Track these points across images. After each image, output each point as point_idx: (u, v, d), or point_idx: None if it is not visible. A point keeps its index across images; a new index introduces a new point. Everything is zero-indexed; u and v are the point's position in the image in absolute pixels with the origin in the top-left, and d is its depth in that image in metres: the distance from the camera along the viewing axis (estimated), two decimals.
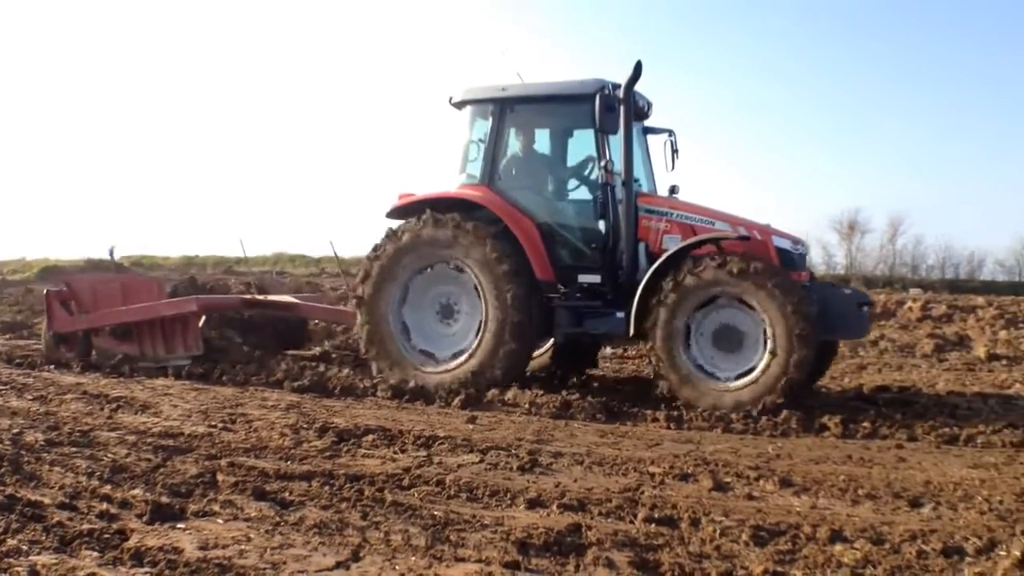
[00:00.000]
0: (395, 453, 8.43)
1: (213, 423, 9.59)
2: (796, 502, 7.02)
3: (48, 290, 15.41)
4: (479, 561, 5.45)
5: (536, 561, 5.50)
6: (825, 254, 63.23)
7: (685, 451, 8.75)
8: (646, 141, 13.14)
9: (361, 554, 5.55)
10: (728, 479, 7.66)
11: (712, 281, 10.73)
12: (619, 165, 11.62)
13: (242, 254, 34.33)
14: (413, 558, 5.50)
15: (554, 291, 11.89)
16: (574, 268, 11.97)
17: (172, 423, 9.56)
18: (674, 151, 13.15)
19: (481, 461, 8.16)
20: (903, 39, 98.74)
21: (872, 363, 16.47)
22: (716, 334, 11.01)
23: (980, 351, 18.39)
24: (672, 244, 11.42)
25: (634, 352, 16.90)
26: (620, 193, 11.62)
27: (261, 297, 15.95)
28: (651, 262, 11.36)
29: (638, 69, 11.36)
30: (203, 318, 14.61)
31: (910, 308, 25.24)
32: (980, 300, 28.22)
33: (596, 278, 11.82)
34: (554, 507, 6.64)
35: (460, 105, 12.78)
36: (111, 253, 19.10)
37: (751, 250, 11.22)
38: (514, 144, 12.62)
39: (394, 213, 12.68)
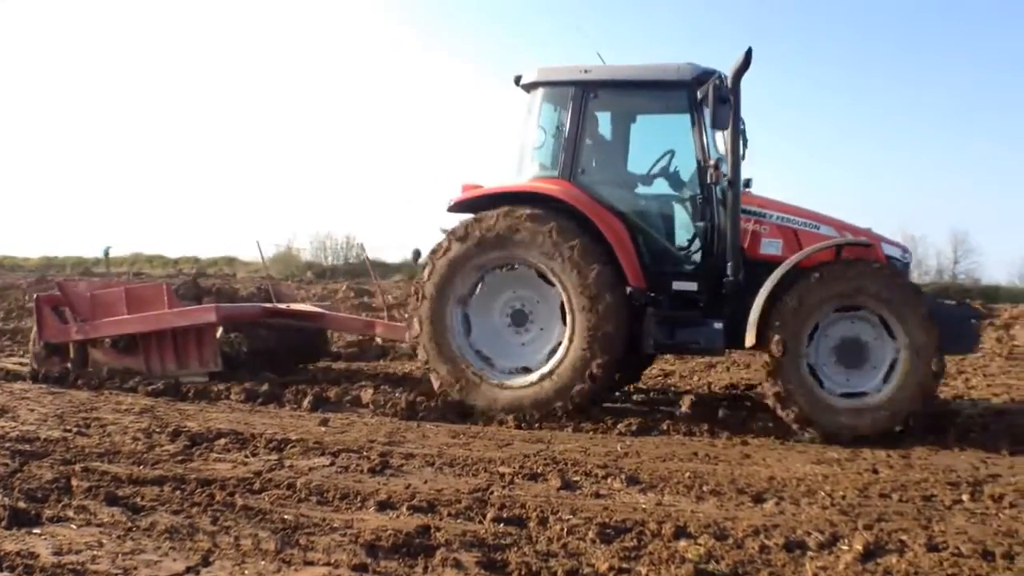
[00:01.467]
0: (246, 457, 8.33)
1: (68, 427, 9.39)
2: (642, 499, 7.10)
3: (38, 296, 13.92)
4: (328, 564, 5.42)
5: (385, 563, 5.47)
6: None
7: (535, 451, 8.78)
8: None
9: (211, 559, 5.48)
10: (577, 478, 7.72)
11: (857, 290, 9.82)
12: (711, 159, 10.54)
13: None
14: (263, 562, 5.45)
15: (644, 298, 10.60)
16: (667, 274, 10.77)
17: (29, 427, 9.34)
18: (744, 141, 11.34)
19: (332, 464, 8.10)
20: (728, 46, 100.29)
21: (720, 361, 16.43)
22: (839, 348, 10.06)
23: None
24: (771, 249, 10.52)
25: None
26: (719, 192, 10.58)
27: (284, 306, 14.73)
28: (747, 268, 10.37)
29: (749, 57, 9.97)
30: (220, 329, 13.36)
31: None
32: None
33: (692, 285, 10.67)
34: (404, 509, 6.61)
35: (532, 87, 11.46)
36: (106, 254, 16.68)
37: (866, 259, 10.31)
38: (596, 133, 11.45)
39: (458, 207, 11.27)
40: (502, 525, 6.29)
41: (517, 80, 11.60)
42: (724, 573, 5.43)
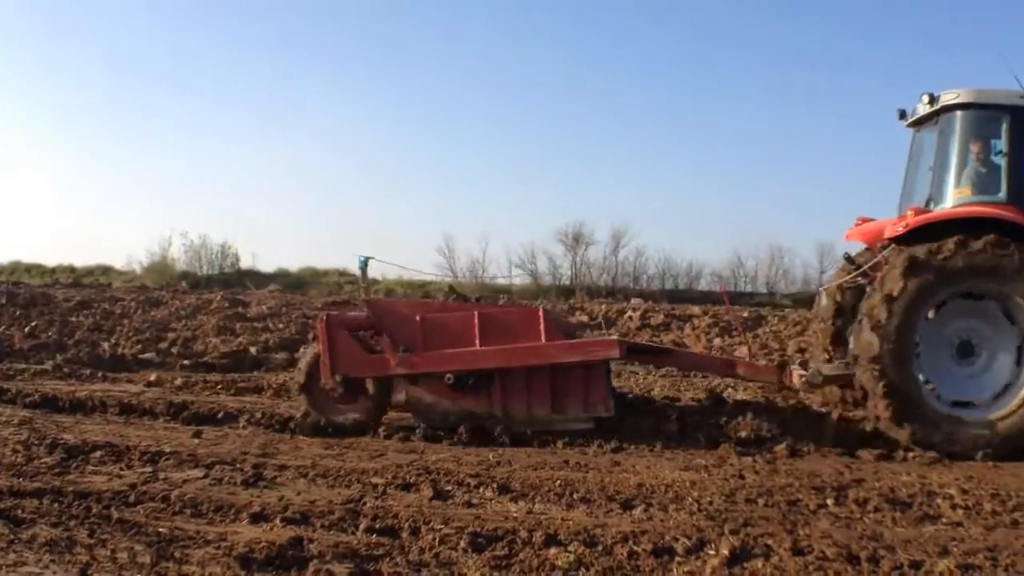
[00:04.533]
0: (122, 470, 8.27)
1: None
2: (514, 508, 7.17)
3: (328, 315, 11.19)
4: None
5: None
6: (551, 265, 64.72)
7: (408, 461, 8.80)
8: None
9: (89, 572, 5.48)
10: (449, 487, 7.75)
11: None
12: None
13: None
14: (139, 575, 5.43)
15: None
16: None
17: None
18: None
19: (206, 476, 8.06)
20: (611, 69, 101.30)
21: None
22: None
23: None
24: None
25: None
26: None
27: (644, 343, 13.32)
28: None
29: None
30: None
31: (630, 317, 25.96)
32: (696, 309, 29.45)
33: None
34: (277, 521, 6.60)
35: (954, 108, 11.00)
36: (364, 265, 11.62)
37: None
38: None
39: (908, 236, 10.49)
40: (374, 536, 6.30)
41: (932, 98, 11.20)
42: None
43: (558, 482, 7.93)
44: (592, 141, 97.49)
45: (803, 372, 11.31)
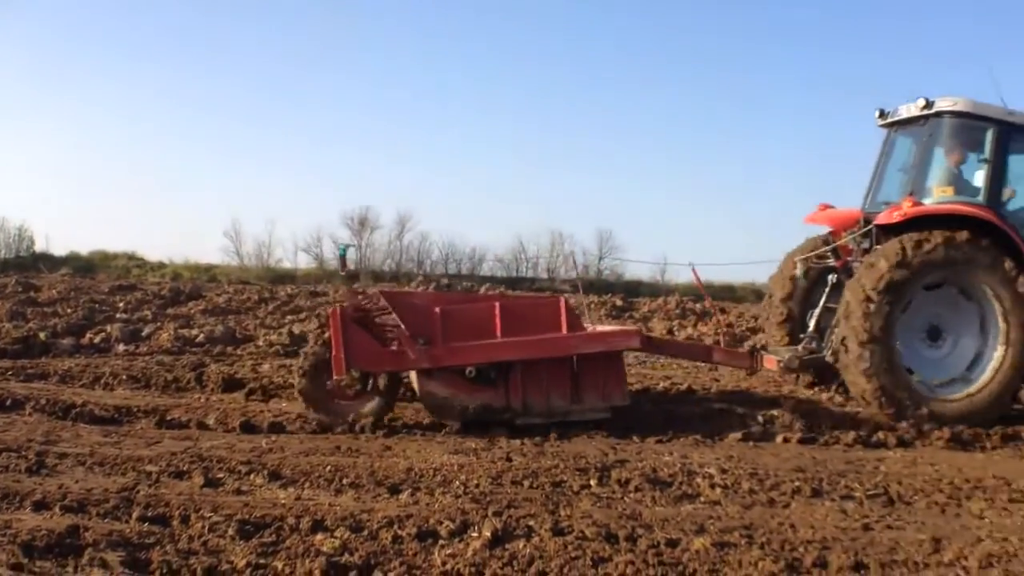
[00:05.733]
0: None
1: None
2: (283, 494, 7.26)
3: (340, 308, 10.45)
4: None
5: (40, 563, 5.53)
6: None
7: (182, 448, 8.82)
8: None
9: None
10: (221, 475, 7.82)
11: None
12: None
13: None
14: None
15: None
16: None
17: None
18: None
19: None
20: (397, 48, 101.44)
21: None
22: None
23: None
24: None
25: None
26: None
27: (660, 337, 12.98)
28: None
29: None
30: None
31: None
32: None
33: None
34: (56, 509, 6.63)
35: (943, 115, 11.95)
36: (343, 253, 10.00)
37: None
38: (1011, 170, 11.96)
39: (898, 226, 11.41)
40: (147, 524, 6.37)
41: (928, 103, 12.00)
42: (357, 565, 5.63)
43: (328, 468, 8.06)
44: (379, 124, 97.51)
45: (778, 357, 11.99)
